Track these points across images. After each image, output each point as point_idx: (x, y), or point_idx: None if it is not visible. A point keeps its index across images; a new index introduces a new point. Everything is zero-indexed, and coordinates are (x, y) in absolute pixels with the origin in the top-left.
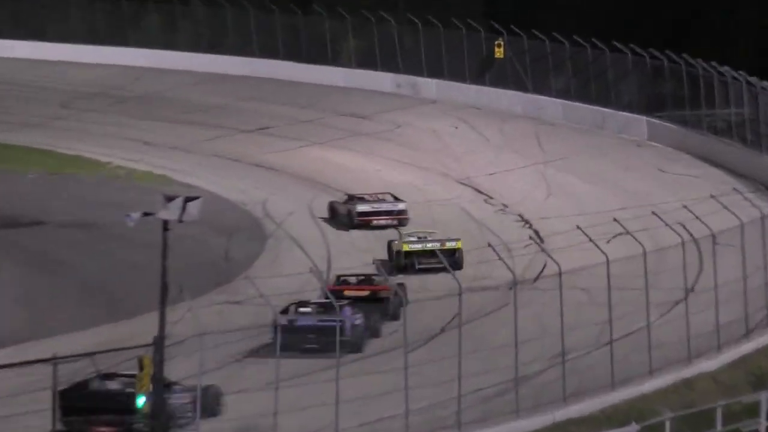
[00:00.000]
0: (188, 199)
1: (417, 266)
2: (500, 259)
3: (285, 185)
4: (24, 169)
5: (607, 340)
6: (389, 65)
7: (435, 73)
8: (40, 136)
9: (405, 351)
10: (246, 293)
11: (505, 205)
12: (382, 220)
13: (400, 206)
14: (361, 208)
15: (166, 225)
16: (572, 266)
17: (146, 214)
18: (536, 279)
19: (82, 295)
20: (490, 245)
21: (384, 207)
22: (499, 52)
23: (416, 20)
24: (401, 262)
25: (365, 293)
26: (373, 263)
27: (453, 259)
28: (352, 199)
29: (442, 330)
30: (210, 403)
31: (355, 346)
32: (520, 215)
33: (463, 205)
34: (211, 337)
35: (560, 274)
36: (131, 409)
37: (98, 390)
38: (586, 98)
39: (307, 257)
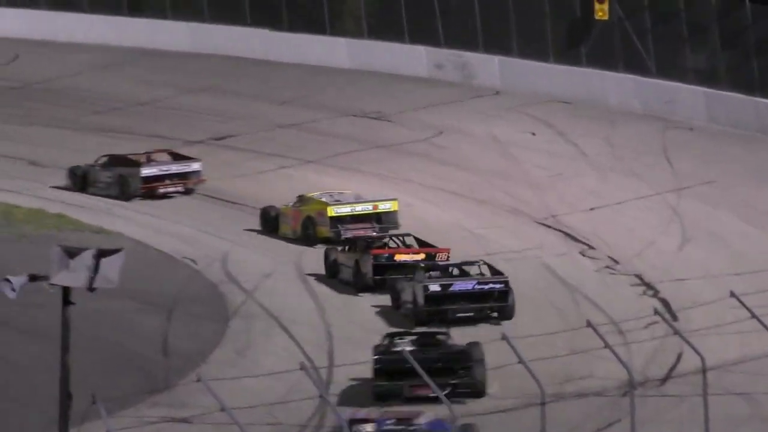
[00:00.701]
0: (102, 254)
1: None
2: (607, 346)
3: (257, 230)
4: None
5: None
6: (423, 34)
7: (497, 46)
8: None
9: None
10: (198, 404)
11: (615, 260)
12: (171, 187)
13: (194, 166)
14: (147, 171)
15: (67, 296)
16: (724, 358)
17: (35, 279)
18: (666, 379)
19: None
20: (590, 324)
21: (174, 168)
22: (601, 11)
23: None
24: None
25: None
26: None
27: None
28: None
29: None
30: None
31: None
32: (638, 276)
33: (547, 259)
34: None
35: (704, 371)
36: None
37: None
38: (742, 85)
39: (296, 345)
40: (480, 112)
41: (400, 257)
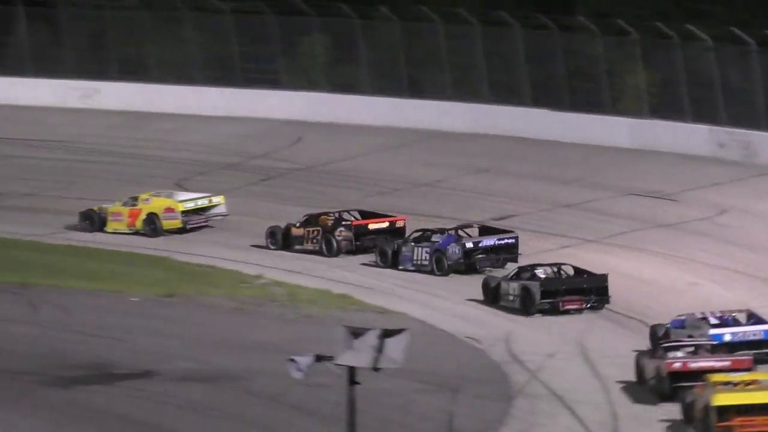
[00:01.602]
0: (386, 334)
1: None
2: None
3: (542, 309)
4: (129, 288)
5: None
6: (705, 113)
7: None
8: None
9: None
10: None
11: None
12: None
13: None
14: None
15: (352, 376)
16: None
17: (321, 359)
18: None
19: None
20: None
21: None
22: None
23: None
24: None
25: None
26: None
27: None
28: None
29: None
30: None
31: None
32: None
33: None
34: None
35: None
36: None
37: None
38: None
39: (580, 425)
40: (764, 190)
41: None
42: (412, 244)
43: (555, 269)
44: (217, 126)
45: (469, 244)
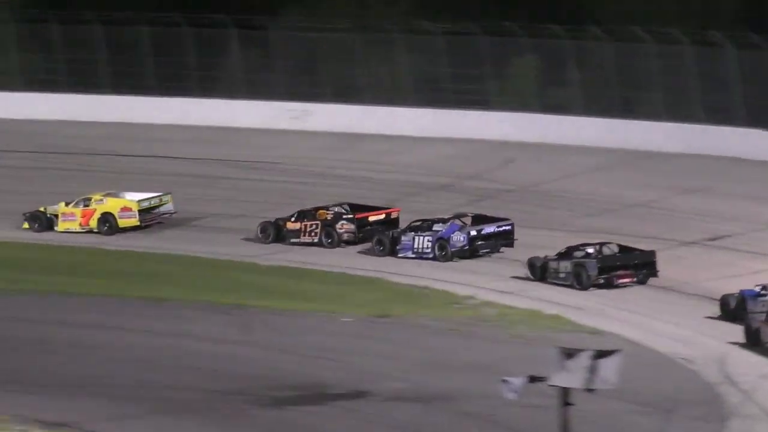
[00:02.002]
0: (600, 355)
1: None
2: None
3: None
4: (342, 308)
5: None
6: None
7: None
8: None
9: None
10: None
11: None
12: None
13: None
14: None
15: (566, 397)
16: None
17: (534, 380)
18: None
19: None
20: None
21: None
22: None
23: None
24: None
25: None
26: None
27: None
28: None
29: None
30: None
31: None
32: None
33: None
34: None
35: None
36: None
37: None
38: None
39: None
40: None
41: None
42: (412, 233)
43: (598, 248)
44: (427, 147)
45: (473, 232)
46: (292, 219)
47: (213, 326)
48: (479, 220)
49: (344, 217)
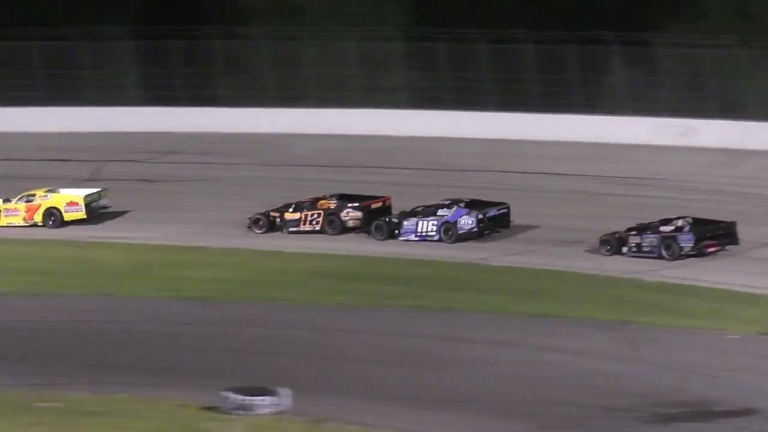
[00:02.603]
0: None
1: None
2: None
3: None
4: (727, 325)
5: None
6: None
7: None
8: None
9: None
10: None
11: None
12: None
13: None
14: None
15: None
16: None
17: None
18: None
19: None
20: None
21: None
22: None
23: None
24: None
25: None
26: None
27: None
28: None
29: None
30: None
31: None
32: None
33: None
34: None
35: None
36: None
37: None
38: None
39: None
40: None
41: None
42: (415, 218)
43: (680, 222)
44: None
45: (480, 216)
46: (291, 210)
47: (599, 343)
48: (473, 204)
49: (349, 205)
